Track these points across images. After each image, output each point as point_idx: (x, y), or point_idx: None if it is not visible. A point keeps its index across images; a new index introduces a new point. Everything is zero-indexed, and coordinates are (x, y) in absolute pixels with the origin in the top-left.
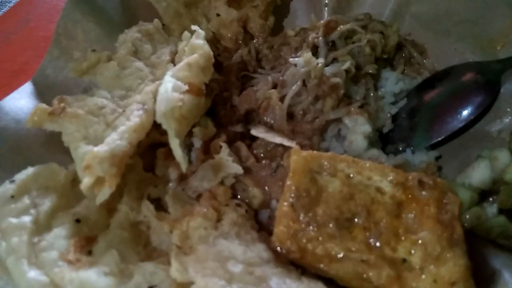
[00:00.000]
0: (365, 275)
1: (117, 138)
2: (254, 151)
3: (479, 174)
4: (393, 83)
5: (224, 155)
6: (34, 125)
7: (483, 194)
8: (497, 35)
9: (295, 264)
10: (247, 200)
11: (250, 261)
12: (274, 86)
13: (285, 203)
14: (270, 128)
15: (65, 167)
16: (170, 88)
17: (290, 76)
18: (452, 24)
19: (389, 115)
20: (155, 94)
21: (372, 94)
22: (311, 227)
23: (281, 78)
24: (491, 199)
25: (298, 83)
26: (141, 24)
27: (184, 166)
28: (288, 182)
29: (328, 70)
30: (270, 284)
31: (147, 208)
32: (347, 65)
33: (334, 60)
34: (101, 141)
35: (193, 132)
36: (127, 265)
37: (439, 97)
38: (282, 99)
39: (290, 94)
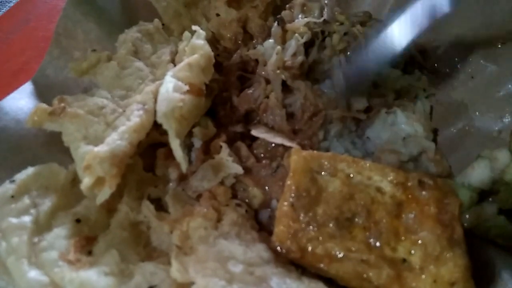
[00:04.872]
0: (365, 275)
1: (117, 138)
2: (254, 151)
3: (479, 174)
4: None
5: (224, 155)
6: (34, 125)
7: (483, 194)
8: (497, 32)
9: (295, 264)
10: (247, 200)
11: (250, 261)
12: None
13: (285, 203)
14: (271, 128)
15: (65, 167)
16: (171, 88)
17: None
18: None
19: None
20: (155, 94)
21: None
22: (311, 227)
23: None
24: (491, 199)
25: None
26: (141, 24)
27: (184, 166)
28: (288, 182)
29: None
30: (270, 284)
31: (147, 208)
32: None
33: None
34: (101, 141)
35: (193, 132)
36: (127, 265)
37: None
38: None
39: (277, 92)
